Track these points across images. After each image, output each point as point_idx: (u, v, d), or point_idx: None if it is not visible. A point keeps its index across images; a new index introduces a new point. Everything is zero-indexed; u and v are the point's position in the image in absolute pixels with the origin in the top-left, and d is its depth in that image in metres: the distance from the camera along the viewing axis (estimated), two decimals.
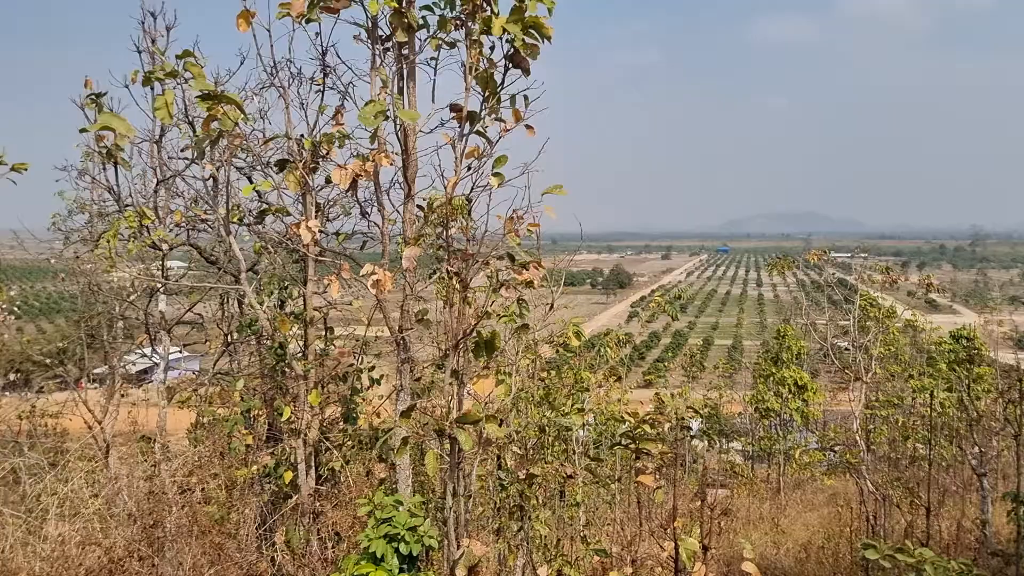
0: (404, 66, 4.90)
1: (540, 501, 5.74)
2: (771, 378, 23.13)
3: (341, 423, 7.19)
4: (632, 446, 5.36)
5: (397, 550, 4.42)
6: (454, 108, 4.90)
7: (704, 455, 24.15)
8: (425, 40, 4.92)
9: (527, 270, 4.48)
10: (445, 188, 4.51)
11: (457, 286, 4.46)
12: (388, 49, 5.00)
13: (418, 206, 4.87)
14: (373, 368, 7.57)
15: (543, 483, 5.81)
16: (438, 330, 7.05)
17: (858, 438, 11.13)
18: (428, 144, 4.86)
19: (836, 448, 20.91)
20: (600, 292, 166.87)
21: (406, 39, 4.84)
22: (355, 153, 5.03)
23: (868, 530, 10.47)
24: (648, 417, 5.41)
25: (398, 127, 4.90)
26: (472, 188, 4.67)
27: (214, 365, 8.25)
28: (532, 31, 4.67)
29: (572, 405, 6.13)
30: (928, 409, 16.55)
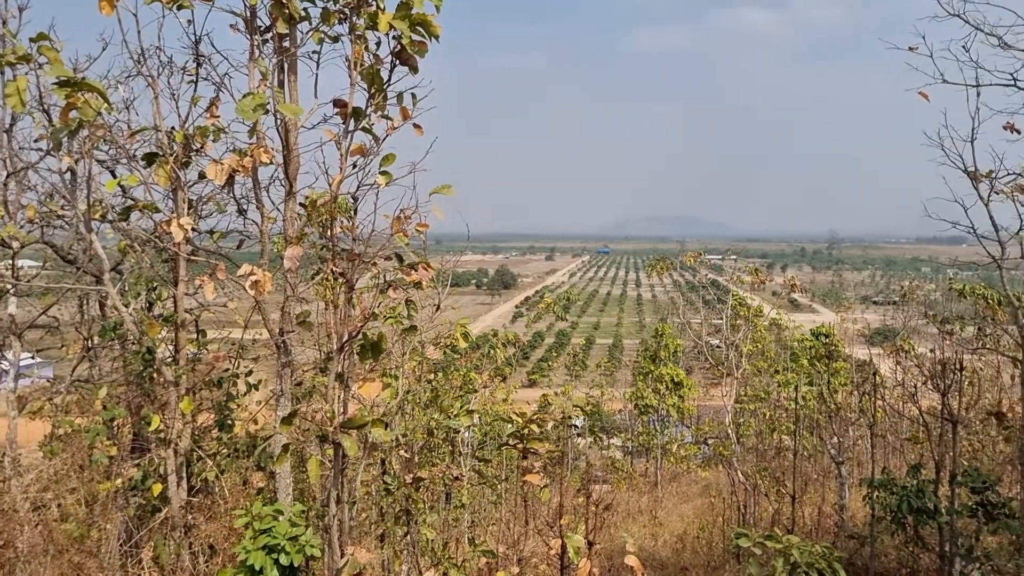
0: (285, 59, 4.71)
1: (427, 505, 5.67)
2: (650, 375, 23.92)
3: (215, 431, 6.86)
4: (519, 446, 5.38)
5: (277, 561, 4.24)
6: (338, 104, 4.75)
7: (586, 452, 24.68)
8: (307, 33, 4.75)
9: (416, 271, 4.40)
10: (330, 186, 4.37)
11: (342, 287, 4.33)
12: (267, 40, 4.80)
13: (300, 204, 4.69)
14: (250, 373, 7.27)
15: (430, 486, 5.74)
16: (320, 332, 6.84)
17: (730, 431, 11.69)
18: (311, 140, 4.70)
19: (709, 441, 21.89)
20: (485, 293, 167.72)
21: (287, 31, 4.66)
22: (232, 148, 4.80)
23: (739, 519, 11.00)
24: (535, 417, 5.44)
25: (278, 122, 4.70)
26: (358, 187, 4.54)
27: (72, 372, 7.68)
28: (420, 28, 4.59)
29: (460, 407, 6.09)
30: (792, 403, 17.60)
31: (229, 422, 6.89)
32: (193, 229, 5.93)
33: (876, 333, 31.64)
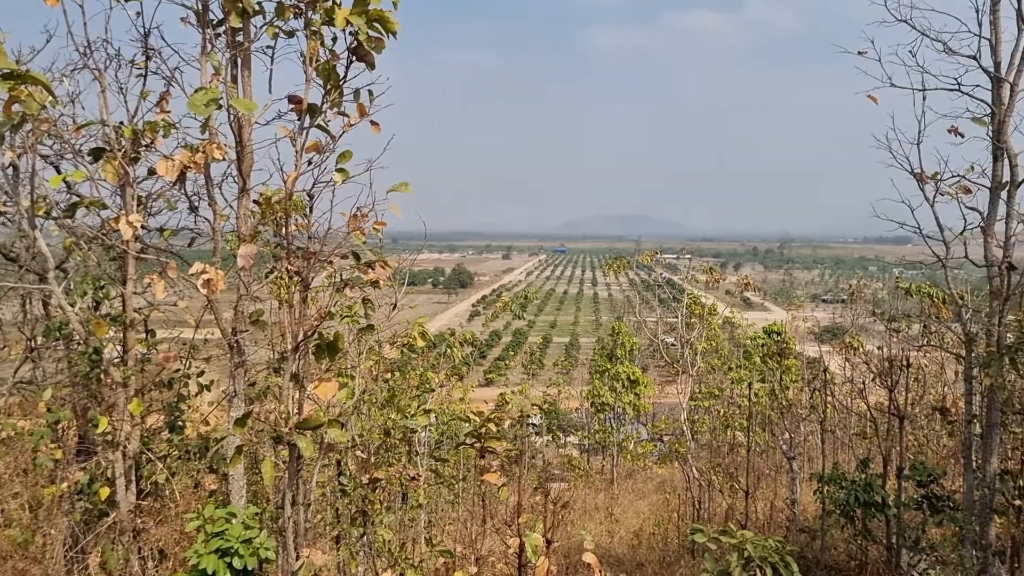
0: (238, 53, 4.62)
1: (384, 505, 5.62)
2: (606, 374, 24.10)
3: (166, 433, 6.70)
4: (477, 445, 5.37)
5: (230, 565, 4.16)
6: (293, 100, 4.68)
7: (543, 450, 24.78)
8: (261, 27, 4.67)
9: (373, 269, 4.35)
10: (285, 183, 4.29)
11: (298, 286, 4.26)
12: (220, 35, 4.70)
13: (255, 201, 4.61)
14: (202, 373, 7.11)
15: (387, 487, 5.69)
16: (274, 332, 6.73)
17: (685, 428, 11.84)
18: (265, 136, 4.60)
19: (665, 438, 22.15)
20: (442, 291, 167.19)
21: (240, 25, 4.57)
22: (183, 143, 4.69)
23: (694, 514, 11.15)
24: (493, 416, 5.43)
25: (232, 117, 4.61)
26: (314, 184, 4.48)
27: (15, 373, 7.42)
28: (377, 25, 4.54)
29: (418, 406, 6.04)
30: (745, 400, 17.90)
31: (180, 424, 6.73)
32: (142, 226, 5.79)
33: (825, 331, 32.34)
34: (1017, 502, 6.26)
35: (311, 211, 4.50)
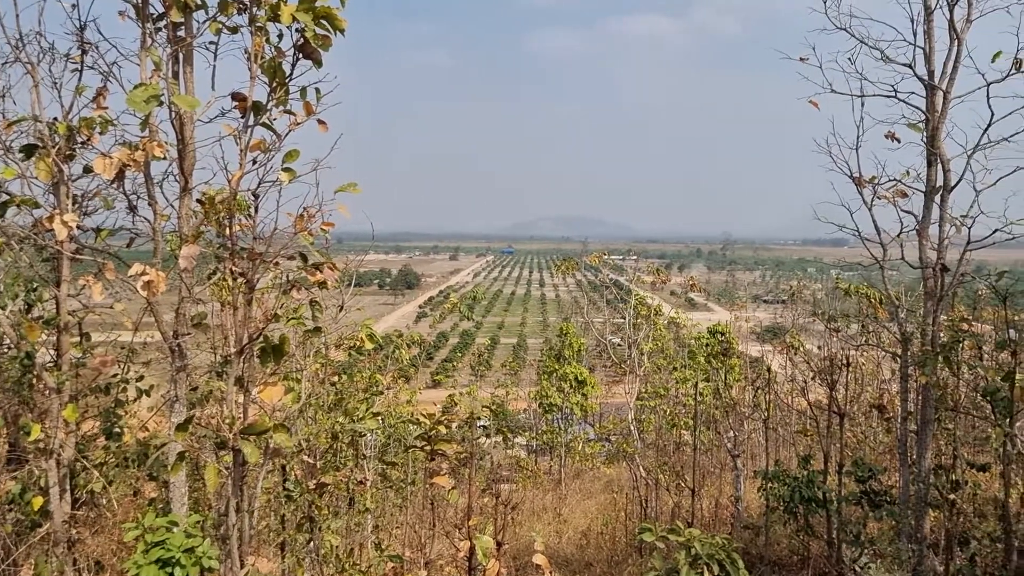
0: (180, 49, 4.49)
1: (331, 511, 5.53)
2: (554, 374, 24.21)
3: (102, 440, 6.47)
4: (427, 447, 5.32)
5: (172, 575, 4.04)
6: (237, 97, 4.57)
7: (491, 451, 24.77)
8: (204, 22, 4.55)
9: (321, 271, 4.28)
10: (229, 182, 4.19)
11: (243, 287, 4.16)
12: (161, 29, 4.56)
13: (197, 201, 4.48)
14: (141, 378, 6.90)
15: (335, 492, 5.60)
16: (217, 335, 6.56)
17: (632, 428, 11.96)
18: (208, 135, 4.49)
19: (612, 438, 22.35)
20: (388, 293, 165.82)
21: (182, 19, 4.45)
22: (122, 141, 4.54)
23: (641, 513, 11.27)
24: (443, 418, 5.40)
25: (173, 114, 4.47)
26: (259, 184, 4.38)
27: None
28: (324, 22, 4.47)
29: (366, 409, 5.96)
30: (690, 399, 18.17)
31: (117, 430, 6.52)
32: (78, 226, 5.58)
33: (766, 330, 33.11)
34: (952, 496, 6.49)
35: (256, 211, 4.40)
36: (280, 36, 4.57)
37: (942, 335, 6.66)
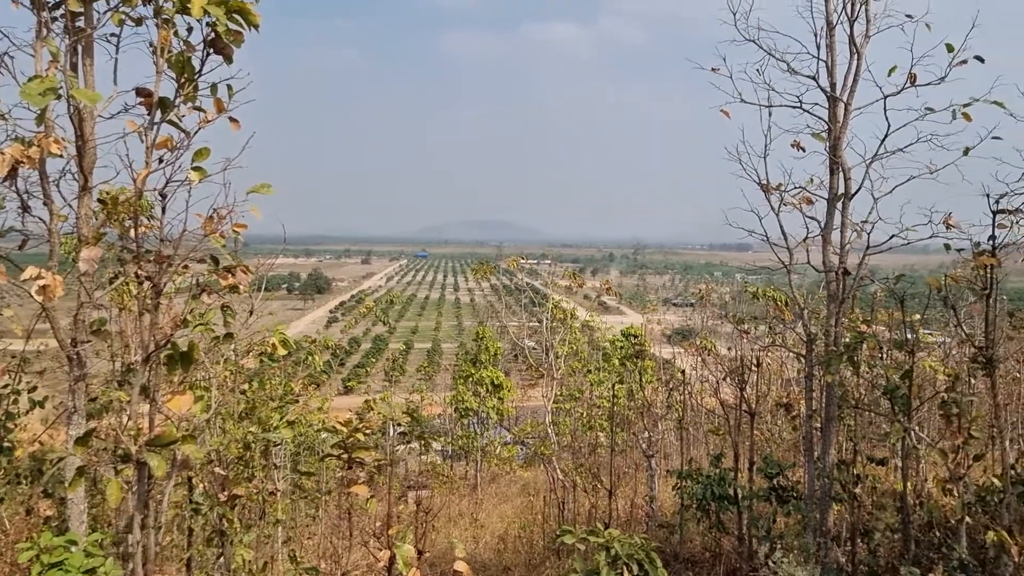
0: (80, 40, 4.24)
1: (244, 523, 5.32)
2: (470, 378, 24.15)
3: None
4: (344, 456, 5.19)
5: None
6: (141, 92, 4.34)
7: (405, 458, 24.50)
8: (105, 13, 4.31)
9: (233, 274, 4.11)
10: (134, 182, 3.98)
11: (149, 292, 3.95)
12: (58, 18, 4.29)
13: (98, 200, 4.24)
14: (34, 389, 6.49)
15: (247, 504, 5.40)
16: (117, 342, 6.23)
17: (549, 430, 12.05)
18: (111, 131, 4.25)
19: (527, 441, 22.44)
20: (297, 297, 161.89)
21: (81, 9, 4.20)
22: (14, 136, 4.25)
23: (559, 515, 11.34)
24: (361, 425, 5.28)
25: (72, 109, 4.22)
26: (167, 183, 4.17)
27: None
28: (236, 16, 4.31)
29: (280, 418, 5.77)
30: (605, 400, 18.47)
31: (8, 444, 6.10)
32: None
33: (676, 332, 34.00)
34: (857, 490, 6.79)
35: (164, 212, 4.19)
36: (189, 30, 4.38)
37: (845, 335, 6.97)
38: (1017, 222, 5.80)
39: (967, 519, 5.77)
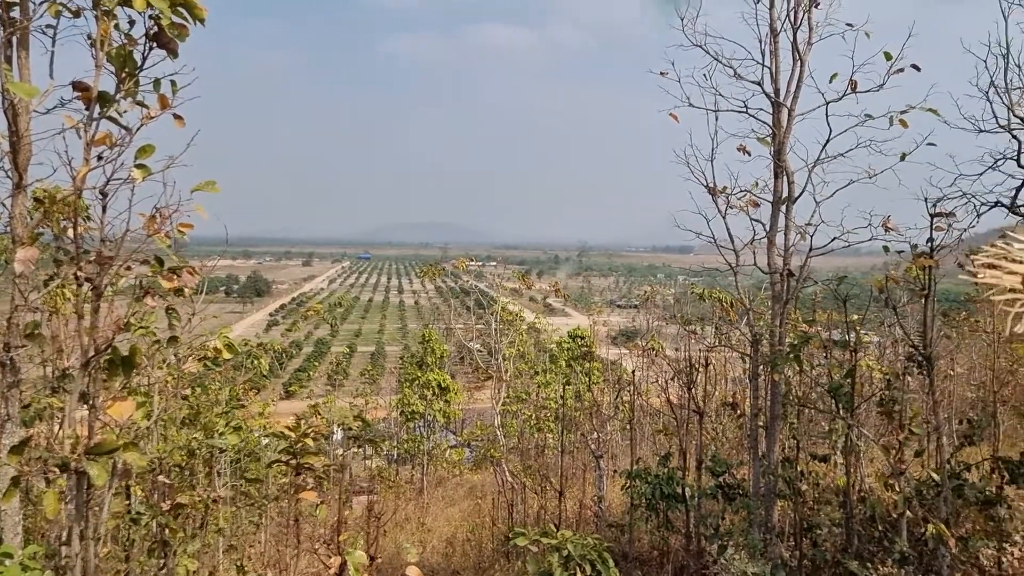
0: (15, 32, 4.05)
1: (188, 533, 5.16)
2: (416, 381, 23.96)
3: None
4: (293, 461, 5.08)
5: None
6: (79, 87, 4.17)
7: (350, 463, 24.16)
8: (42, 4, 4.13)
9: (179, 276, 3.98)
10: (73, 180, 3.82)
11: (89, 294, 3.80)
12: None
13: (34, 199, 4.06)
14: None
15: (191, 512, 5.23)
16: (52, 347, 5.97)
17: (498, 433, 12.03)
18: (48, 126, 4.07)
19: (473, 444, 22.37)
20: (236, 300, 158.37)
21: None
22: None
23: (508, 518, 11.34)
24: (309, 430, 5.17)
25: (5, 103, 4.02)
26: (107, 181, 4.01)
27: None
28: (182, 9, 4.17)
29: (226, 424, 5.61)
30: (553, 402, 18.54)
31: None
32: None
33: (621, 334, 34.34)
34: (804, 486, 6.95)
35: (105, 211, 4.03)
36: (131, 23, 4.23)
37: (790, 335, 7.14)
38: (952, 225, 6.03)
39: (907, 513, 5.96)
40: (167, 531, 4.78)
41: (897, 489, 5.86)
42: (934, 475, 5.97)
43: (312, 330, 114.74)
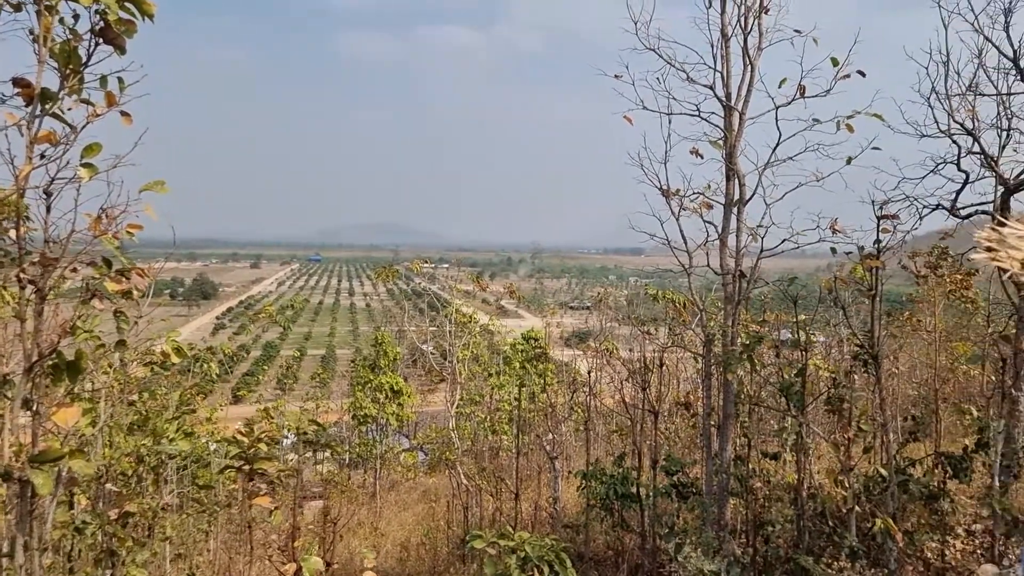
0: None
1: (138, 542, 5.01)
2: (369, 385, 23.71)
3: None
4: (246, 467, 4.98)
5: None
6: (19, 83, 4.03)
7: (303, 467, 23.81)
8: None
9: (128, 278, 3.87)
10: (16, 179, 3.68)
11: (32, 297, 3.67)
12: None
13: None
14: None
15: (141, 521, 5.09)
16: None
17: (453, 435, 12.00)
18: None
19: (426, 447, 22.26)
20: (182, 304, 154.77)
21: None
22: None
23: (464, 521, 11.30)
24: (263, 435, 5.08)
25: None
26: (52, 181, 3.88)
27: None
28: (129, 5, 4.06)
29: (177, 429, 5.47)
30: (507, 404, 18.56)
31: None
32: None
33: (573, 335, 34.54)
34: (757, 483, 7.08)
35: (49, 211, 3.90)
36: (76, 17, 4.10)
37: (742, 335, 7.27)
38: (896, 227, 6.23)
39: (856, 508, 6.12)
40: (115, 540, 4.64)
41: (846, 485, 6.02)
42: (882, 471, 6.14)
43: (260, 334, 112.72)
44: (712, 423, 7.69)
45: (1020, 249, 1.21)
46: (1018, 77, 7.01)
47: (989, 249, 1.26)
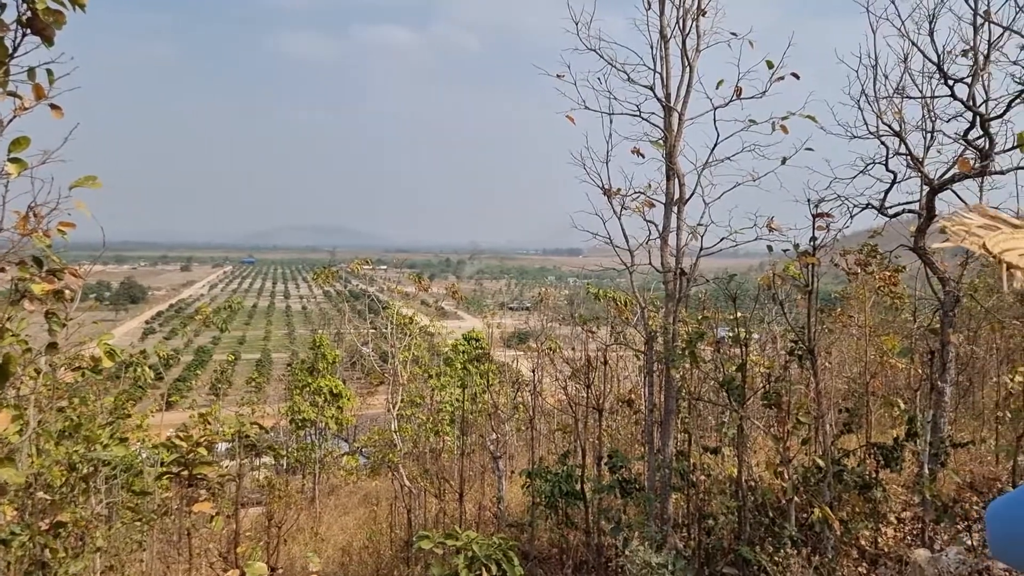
0: None
1: (71, 552, 4.81)
2: (307, 388, 23.31)
3: None
4: (185, 472, 4.84)
5: None
6: None
7: (244, 472, 23.25)
8: None
9: (60, 278, 3.71)
10: None
11: None
12: None
13: None
14: None
15: (73, 531, 4.89)
16: None
17: (396, 438, 11.90)
18: None
19: (365, 450, 21.98)
20: (108, 308, 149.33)
21: None
22: None
23: (407, 523, 11.21)
24: (204, 439, 4.94)
25: None
26: None
27: None
28: None
29: (111, 435, 5.27)
30: (449, 404, 18.47)
31: None
32: None
33: (513, 335, 34.63)
34: (699, 477, 7.21)
35: None
36: (2, 7, 3.93)
37: (683, 332, 7.41)
38: (829, 225, 6.44)
39: (795, 499, 6.31)
40: (47, 551, 4.45)
41: (785, 477, 6.19)
42: (819, 462, 6.34)
43: (192, 338, 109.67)
44: (654, 419, 7.82)
45: (979, 236, 1.33)
46: (942, 81, 7.33)
47: (960, 234, 1.38)
